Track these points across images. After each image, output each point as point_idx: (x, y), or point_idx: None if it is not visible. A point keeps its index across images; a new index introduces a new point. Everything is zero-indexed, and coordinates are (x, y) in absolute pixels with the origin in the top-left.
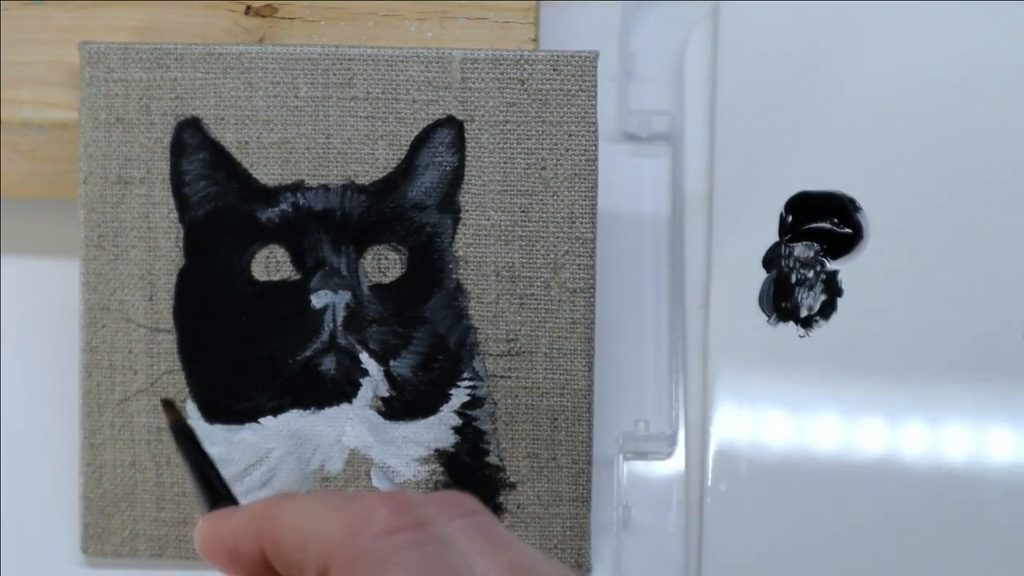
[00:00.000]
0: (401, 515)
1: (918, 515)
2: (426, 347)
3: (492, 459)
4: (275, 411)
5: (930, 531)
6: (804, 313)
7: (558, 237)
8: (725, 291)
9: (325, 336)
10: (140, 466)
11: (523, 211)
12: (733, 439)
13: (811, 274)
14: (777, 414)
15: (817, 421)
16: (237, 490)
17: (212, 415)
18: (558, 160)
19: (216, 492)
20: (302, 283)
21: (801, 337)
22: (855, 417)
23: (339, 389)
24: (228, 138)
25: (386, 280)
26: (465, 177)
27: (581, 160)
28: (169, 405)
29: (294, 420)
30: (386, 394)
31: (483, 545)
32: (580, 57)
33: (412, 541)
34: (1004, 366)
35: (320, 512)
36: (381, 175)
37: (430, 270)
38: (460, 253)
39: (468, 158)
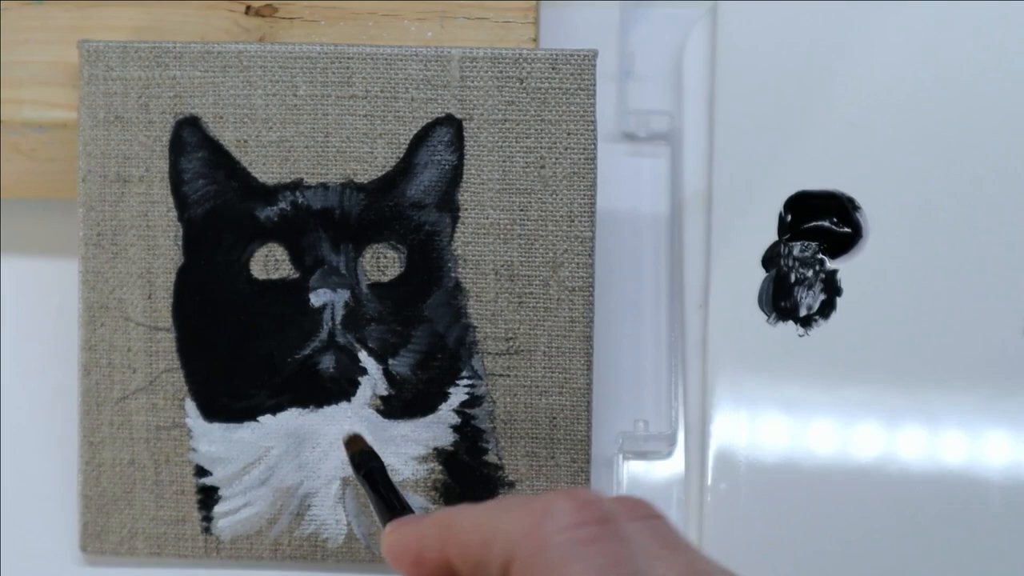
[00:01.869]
0: (584, 510)
1: (917, 514)
2: (425, 345)
3: (491, 458)
4: (274, 409)
5: (929, 530)
6: (803, 312)
7: (557, 236)
8: (724, 290)
9: (324, 334)
10: (139, 464)
11: (522, 210)
12: (733, 438)
13: (810, 273)
14: (777, 413)
15: (817, 420)
16: (235, 489)
17: (211, 413)
18: (557, 159)
19: (394, 505)
20: (301, 282)
21: (800, 336)
22: (855, 416)
23: (338, 387)
24: (227, 136)
25: (385, 278)
26: (464, 175)
27: (580, 159)
28: (355, 440)
29: (293, 418)
30: (385, 393)
31: (660, 548)
32: (579, 56)
33: (594, 536)
34: (1004, 365)
35: (502, 510)
36: (380, 173)
37: (429, 268)
38: (459, 251)
39: (467, 156)
